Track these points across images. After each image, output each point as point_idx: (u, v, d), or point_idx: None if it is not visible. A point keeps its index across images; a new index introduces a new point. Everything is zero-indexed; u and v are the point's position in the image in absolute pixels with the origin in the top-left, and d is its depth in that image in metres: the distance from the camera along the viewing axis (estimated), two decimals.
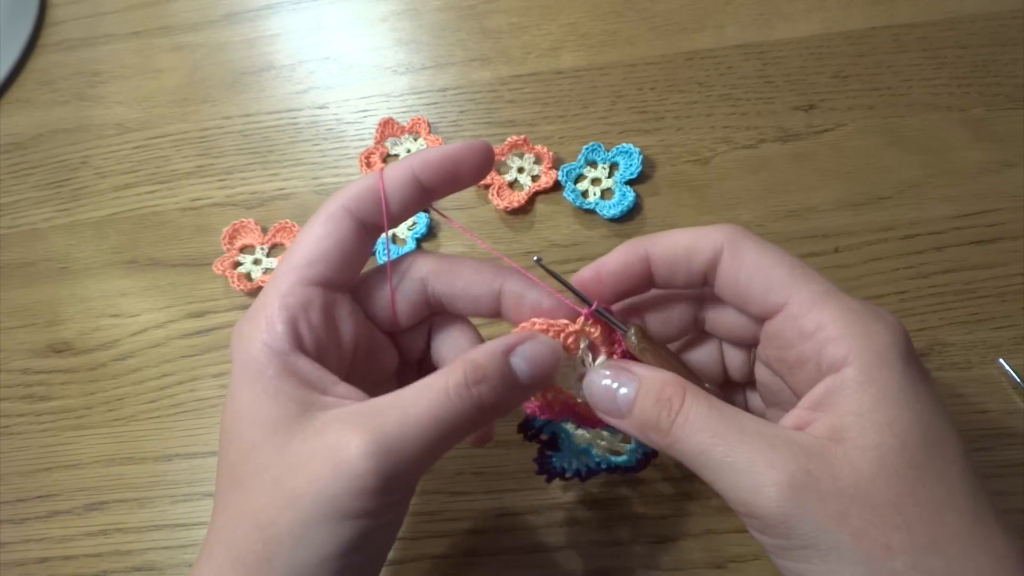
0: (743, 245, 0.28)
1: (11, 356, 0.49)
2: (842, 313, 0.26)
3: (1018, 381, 0.41)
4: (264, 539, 0.25)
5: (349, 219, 0.29)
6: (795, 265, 0.28)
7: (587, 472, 0.36)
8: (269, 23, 0.62)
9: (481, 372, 0.27)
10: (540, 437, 0.34)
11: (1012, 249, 0.45)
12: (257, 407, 0.27)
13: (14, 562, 0.43)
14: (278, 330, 0.27)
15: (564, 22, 0.58)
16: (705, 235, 0.29)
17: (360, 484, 0.24)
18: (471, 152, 0.30)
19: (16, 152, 0.58)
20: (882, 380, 0.25)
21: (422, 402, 0.26)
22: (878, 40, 0.54)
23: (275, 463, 0.26)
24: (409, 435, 0.25)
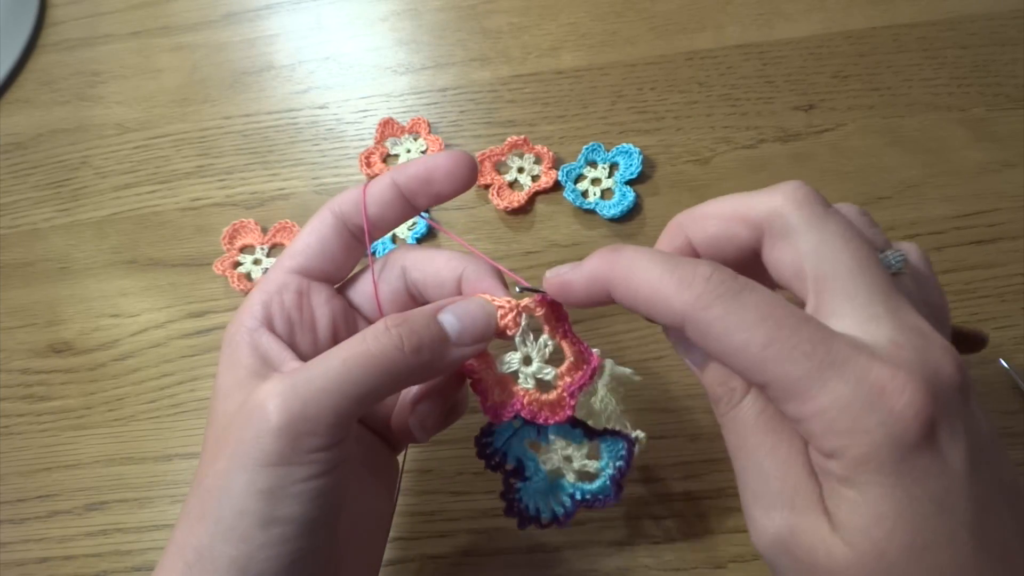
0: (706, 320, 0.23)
1: (11, 356, 0.49)
2: (827, 406, 0.22)
3: (1018, 381, 0.41)
4: (199, 495, 0.26)
5: (332, 219, 0.31)
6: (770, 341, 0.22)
7: (564, 515, 0.32)
8: (269, 23, 0.62)
9: (401, 318, 0.27)
10: (504, 466, 0.31)
11: (1012, 249, 0.45)
12: (221, 378, 0.29)
13: (14, 562, 0.43)
14: (255, 310, 0.30)
15: (564, 22, 0.58)
16: (666, 298, 0.24)
17: (267, 425, 0.25)
18: (446, 161, 0.30)
19: (16, 152, 0.58)
20: (863, 484, 0.21)
21: (339, 348, 0.26)
22: (878, 40, 0.54)
23: (218, 424, 0.27)
24: (318, 376, 0.26)
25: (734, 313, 0.23)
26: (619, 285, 0.25)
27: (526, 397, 0.30)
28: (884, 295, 0.23)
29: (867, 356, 0.22)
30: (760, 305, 0.23)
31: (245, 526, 0.25)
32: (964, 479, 0.21)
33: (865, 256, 0.24)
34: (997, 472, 0.22)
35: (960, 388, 0.22)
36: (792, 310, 0.23)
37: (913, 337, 0.22)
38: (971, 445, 0.21)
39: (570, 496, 0.32)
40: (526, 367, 0.30)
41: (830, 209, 0.25)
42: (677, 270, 0.24)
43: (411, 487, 0.42)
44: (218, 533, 0.25)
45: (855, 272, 0.23)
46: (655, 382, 0.43)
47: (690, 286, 0.23)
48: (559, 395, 0.30)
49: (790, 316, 0.22)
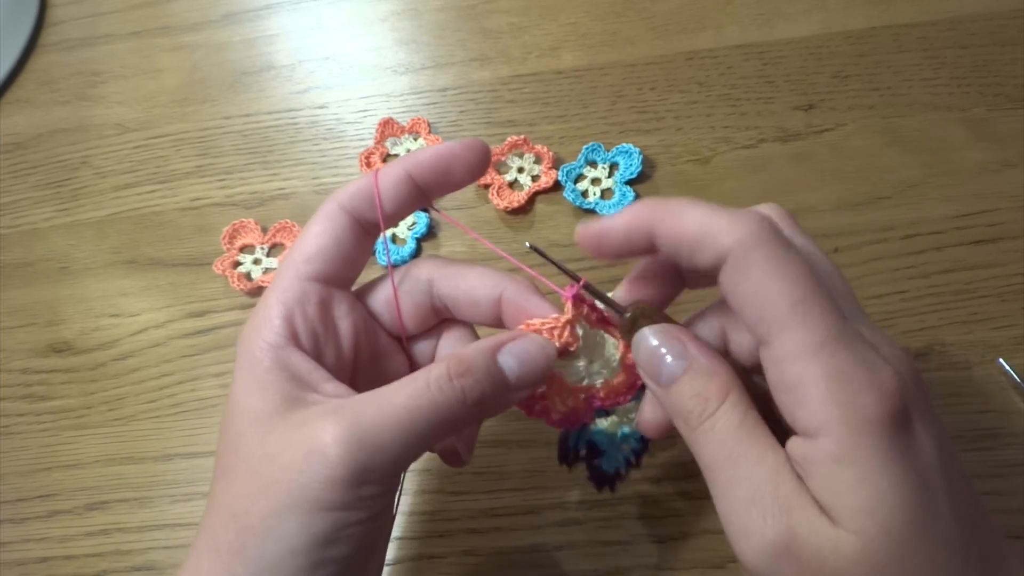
0: (752, 259, 0.24)
1: (11, 356, 0.49)
2: (828, 374, 0.23)
3: (1018, 381, 0.41)
4: (238, 529, 0.25)
5: (345, 216, 0.30)
6: (802, 300, 0.23)
7: (637, 455, 0.34)
8: (269, 23, 0.62)
9: (465, 365, 0.26)
10: (580, 455, 0.33)
11: (1012, 249, 0.45)
12: (246, 399, 0.27)
13: (14, 562, 0.43)
14: (275, 324, 0.28)
15: (564, 22, 0.58)
16: (716, 231, 0.24)
17: (330, 473, 0.24)
18: (463, 150, 0.30)
19: (16, 152, 0.58)
20: (860, 459, 0.22)
21: (401, 394, 0.26)
22: (878, 40, 0.54)
23: (255, 454, 0.26)
24: (384, 425, 0.25)
25: (779, 260, 0.24)
26: (666, 223, 0.26)
27: (601, 391, 0.31)
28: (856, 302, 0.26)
29: (865, 342, 0.23)
30: (801, 264, 0.24)
31: (293, 567, 0.24)
32: (936, 463, 0.23)
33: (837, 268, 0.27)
34: (959, 467, 0.24)
35: (922, 388, 0.24)
36: (822, 281, 0.24)
37: (884, 339, 0.25)
38: (938, 435, 0.23)
39: (638, 439, 0.34)
40: (592, 367, 0.31)
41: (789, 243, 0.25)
42: (728, 211, 0.25)
43: (411, 487, 0.42)
44: (261, 571, 0.24)
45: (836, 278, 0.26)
46: None
47: (743, 223, 0.24)
48: (629, 374, 0.31)
49: (822, 284, 0.24)
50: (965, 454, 0.39)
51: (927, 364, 0.42)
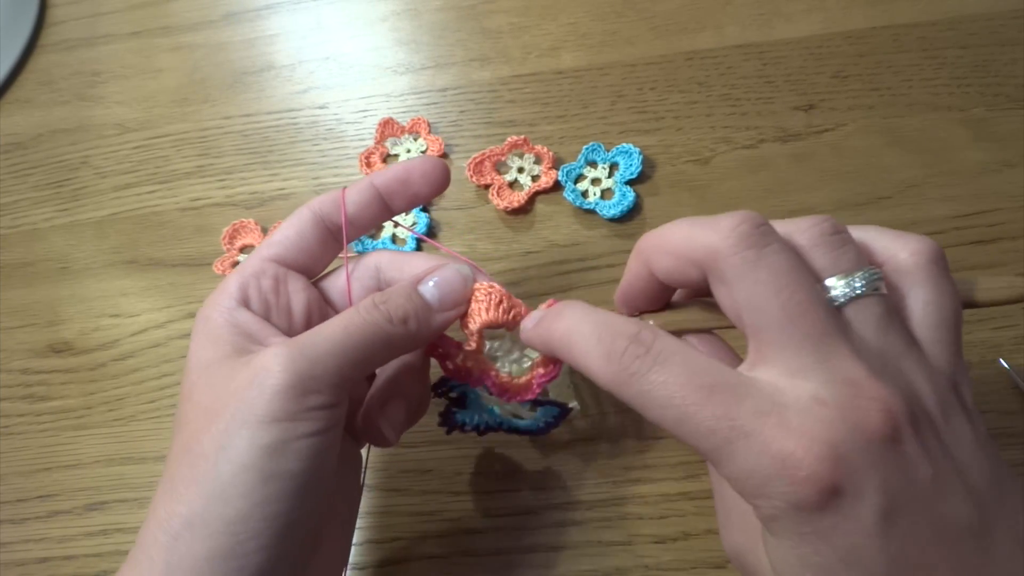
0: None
1: (11, 356, 0.49)
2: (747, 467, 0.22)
3: (1018, 381, 0.41)
4: (190, 461, 0.26)
5: (310, 214, 0.33)
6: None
7: (486, 428, 0.38)
8: (269, 23, 0.62)
9: (385, 295, 0.29)
10: (450, 395, 0.36)
11: (1012, 249, 0.45)
12: (199, 353, 0.29)
13: (14, 562, 0.43)
14: (231, 291, 0.30)
15: (564, 22, 0.58)
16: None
17: (274, 382, 0.26)
18: (421, 165, 0.33)
19: (16, 152, 0.58)
20: (775, 531, 0.23)
21: (335, 319, 0.28)
22: (878, 40, 0.54)
23: (205, 394, 0.27)
24: (320, 342, 0.27)
25: (646, 393, 0.24)
26: (562, 355, 0.28)
27: (498, 377, 0.33)
28: (815, 344, 0.23)
29: (773, 424, 0.22)
30: (667, 383, 0.24)
31: (246, 481, 0.25)
32: (875, 536, 0.21)
33: (798, 302, 0.23)
34: (931, 520, 0.22)
35: (888, 438, 0.22)
36: (700, 383, 0.23)
37: (839, 390, 0.22)
38: (888, 501, 0.21)
39: (496, 422, 0.37)
40: (509, 355, 0.34)
41: (767, 248, 0.24)
42: (604, 341, 0.25)
43: (411, 487, 0.42)
44: (215, 493, 0.25)
45: (783, 323, 0.23)
46: None
47: (609, 361, 0.25)
48: (528, 382, 0.33)
49: (697, 390, 0.23)
50: None
51: None
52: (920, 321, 0.25)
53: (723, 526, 0.28)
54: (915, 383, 0.24)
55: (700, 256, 0.25)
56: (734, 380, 0.23)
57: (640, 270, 0.28)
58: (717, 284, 0.25)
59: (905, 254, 0.26)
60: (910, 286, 0.26)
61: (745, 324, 0.24)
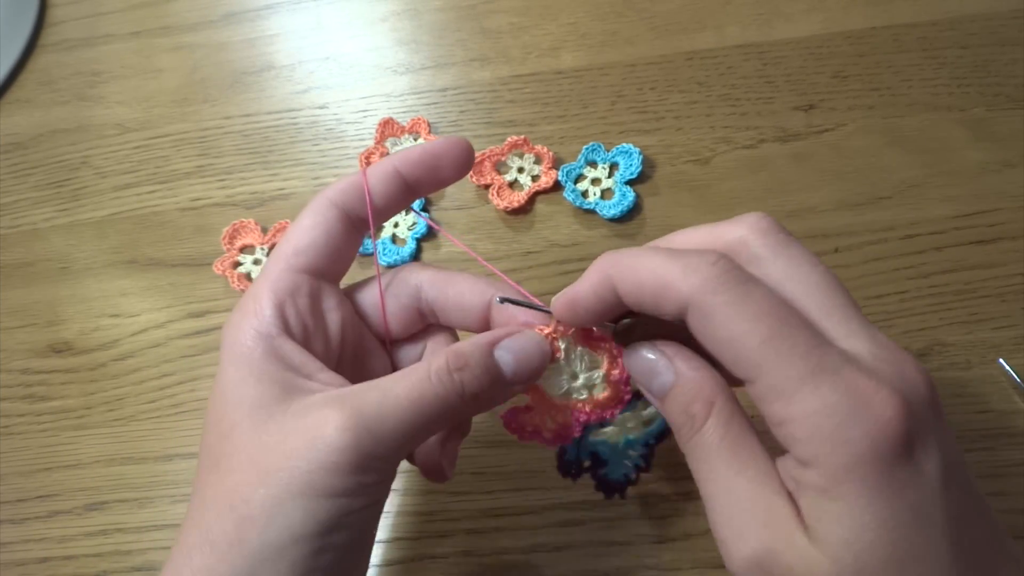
0: (712, 305, 0.23)
1: (11, 356, 0.49)
2: (812, 410, 0.22)
3: (1018, 381, 0.41)
4: (236, 519, 0.25)
5: (335, 210, 0.30)
6: (770, 338, 0.22)
7: (645, 460, 0.35)
8: (269, 23, 0.62)
9: (464, 359, 0.27)
10: (584, 467, 0.33)
11: (1012, 249, 0.45)
12: (241, 389, 0.27)
13: (14, 562, 0.43)
14: (266, 314, 0.28)
15: (564, 22, 0.58)
16: (671, 282, 0.24)
17: (335, 459, 0.24)
18: (450, 147, 0.31)
19: (16, 152, 0.58)
20: (846, 495, 0.22)
21: (402, 383, 0.26)
22: (878, 40, 0.54)
23: (253, 443, 0.26)
24: (388, 414, 0.25)
25: (739, 302, 0.23)
26: (625, 278, 0.25)
27: (587, 406, 0.31)
28: (855, 312, 0.24)
29: (856, 367, 0.22)
30: (764, 299, 0.23)
31: (297, 554, 0.24)
32: (940, 491, 0.22)
33: (831, 276, 0.24)
34: (967, 487, 0.23)
35: (931, 404, 0.22)
36: (792, 311, 0.23)
37: (889, 353, 0.23)
38: (944, 460, 0.22)
39: (643, 444, 0.34)
40: (575, 382, 0.31)
41: (790, 236, 0.26)
42: (682, 258, 0.24)
43: (411, 487, 0.42)
44: (264, 560, 0.24)
45: (827, 292, 0.24)
46: None
47: (696, 271, 0.23)
48: (615, 390, 0.31)
49: (791, 316, 0.23)
50: (965, 454, 0.39)
51: (927, 364, 0.42)
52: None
53: (736, 535, 0.24)
54: None
55: (726, 244, 0.25)
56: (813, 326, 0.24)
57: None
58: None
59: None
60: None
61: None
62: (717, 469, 0.25)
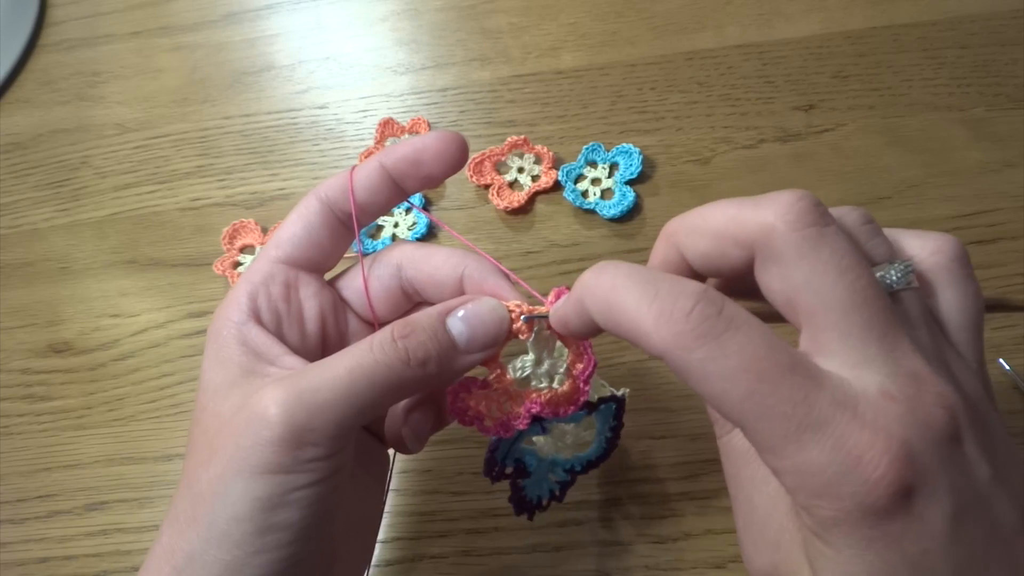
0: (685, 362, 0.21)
1: (11, 356, 0.49)
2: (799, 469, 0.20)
3: (1018, 381, 0.41)
4: (191, 497, 0.25)
5: (318, 205, 0.30)
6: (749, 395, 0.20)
7: (561, 489, 0.35)
8: (269, 23, 0.62)
9: (410, 327, 0.26)
10: (505, 472, 0.32)
11: (1012, 249, 0.45)
12: (209, 374, 0.28)
13: (14, 562, 0.43)
14: (241, 302, 0.29)
15: (564, 22, 0.58)
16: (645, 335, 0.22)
17: (269, 434, 0.24)
18: (438, 143, 0.29)
19: (16, 152, 0.58)
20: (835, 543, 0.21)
21: (344, 357, 0.26)
22: (878, 40, 0.54)
23: (210, 424, 0.26)
24: (324, 386, 0.25)
25: (714, 359, 0.21)
26: (599, 314, 0.24)
27: (543, 396, 0.29)
28: (881, 334, 0.21)
29: (848, 417, 0.20)
30: (743, 351, 0.21)
31: (240, 532, 0.24)
32: (944, 540, 0.20)
33: (863, 287, 0.22)
34: (990, 522, 0.21)
35: (952, 437, 0.21)
36: (777, 359, 0.21)
37: (906, 385, 0.21)
38: (956, 503, 0.20)
39: (567, 470, 0.33)
40: (538, 368, 0.30)
41: (827, 228, 0.22)
42: (657, 300, 0.22)
43: (411, 487, 0.42)
44: (211, 538, 0.25)
45: (849, 308, 0.21)
46: (655, 382, 0.43)
47: (669, 321, 0.21)
48: (573, 385, 0.30)
49: (774, 367, 0.21)
50: None
51: None
52: (946, 322, 0.24)
53: (752, 544, 0.24)
54: (962, 380, 0.22)
55: (750, 234, 0.23)
56: (809, 363, 0.21)
57: (668, 255, 0.26)
58: (768, 265, 0.23)
59: (926, 253, 0.25)
60: (934, 285, 0.24)
61: (800, 309, 0.22)
62: (741, 476, 0.25)
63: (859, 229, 0.24)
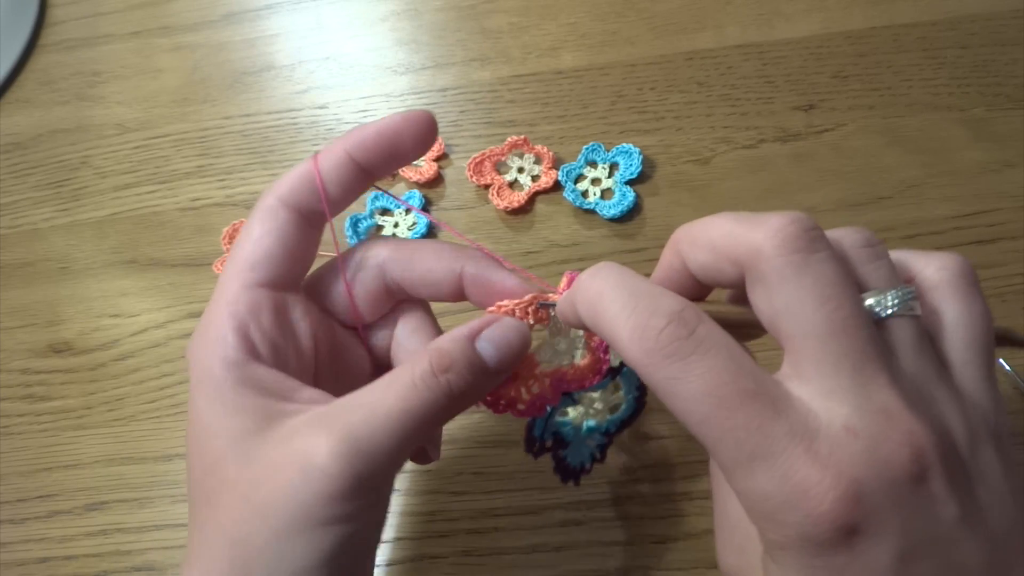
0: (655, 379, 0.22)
1: (11, 356, 0.49)
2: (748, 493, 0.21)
3: (1018, 381, 0.41)
4: (240, 556, 0.24)
5: (286, 212, 0.28)
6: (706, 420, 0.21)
7: (601, 451, 0.35)
8: (269, 23, 0.62)
9: (448, 360, 0.26)
10: (546, 447, 0.33)
11: (1012, 249, 0.45)
12: (218, 421, 0.26)
13: (14, 562, 0.43)
14: (229, 341, 0.26)
15: (564, 22, 0.58)
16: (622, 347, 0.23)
17: (331, 488, 0.24)
18: (407, 124, 0.28)
19: (16, 152, 0.58)
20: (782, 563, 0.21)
21: (389, 396, 0.25)
22: (878, 40, 0.54)
23: (242, 477, 0.25)
24: (379, 431, 0.24)
25: (679, 380, 0.21)
26: (586, 317, 0.25)
27: (568, 373, 0.30)
28: (855, 365, 0.21)
29: (802, 450, 0.20)
30: (706, 375, 0.21)
31: None
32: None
33: (843, 317, 0.21)
34: (947, 563, 0.21)
35: (914, 477, 0.20)
36: (741, 385, 0.21)
37: (872, 421, 0.21)
38: (906, 544, 0.20)
39: (603, 433, 0.34)
40: (559, 347, 0.30)
41: (815, 255, 0.22)
42: (634, 315, 0.22)
43: (411, 487, 0.42)
44: None
45: (826, 337, 0.21)
46: None
47: (642, 338, 0.22)
48: (594, 357, 0.30)
49: (735, 393, 0.21)
50: None
51: None
52: (950, 340, 0.24)
53: (722, 544, 0.26)
54: (946, 414, 0.22)
55: (740, 254, 0.23)
56: (775, 391, 0.21)
57: (674, 262, 0.26)
58: (755, 285, 0.23)
59: (931, 270, 0.25)
60: (938, 302, 0.24)
61: (782, 333, 0.23)
62: (719, 480, 0.25)
63: (857, 252, 0.24)
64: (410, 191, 0.51)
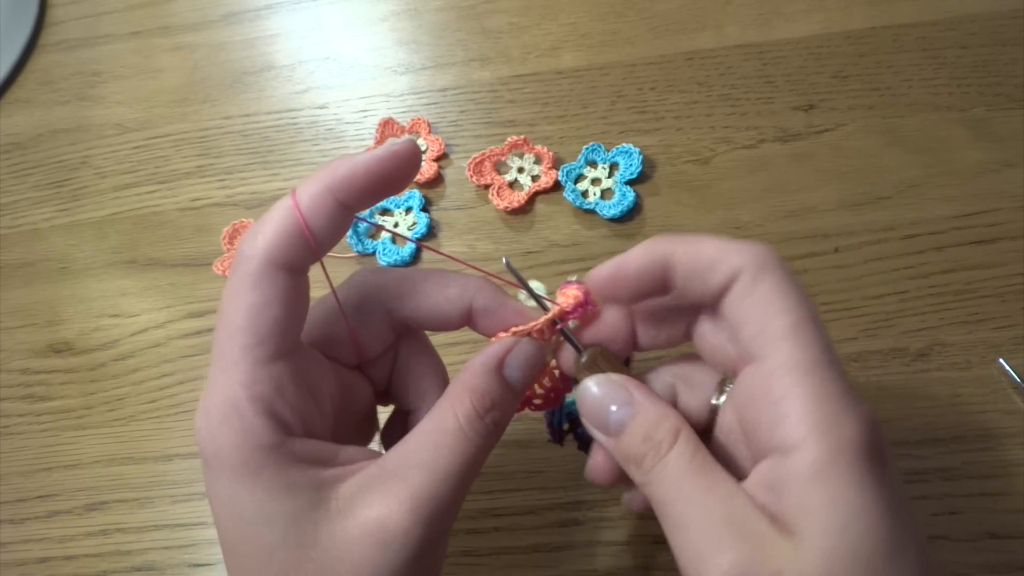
0: (763, 276, 0.25)
1: (11, 356, 0.49)
2: (815, 393, 0.23)
3: (1018, 381, 0.41)
4: None
5: (283, 275, 0.25)
6: (802, 321, 0.25)
7: None
8: (269, 23, 0.62)
9: (488, 400, 0.27)
10: (565, 429, 0.34)
11: (1012, 249, 0.45)
12: (264, 508, 0.24)
13: (14, 562, 0.43)
14: (260, 426, 0.25)
15: (564, 22, 0.58)
16: (731, 252, 0.26)
17: (410, 554, 0.24)
18: (395, 161, 0.26)
19: (16, 152, 0.58)
20: (838, 478, 0.22)
21: (444, 451, 0.26)
22: (878, 40, 0.54)
23: (307, 559, 0.24)
24: (444, 491, 0.25)
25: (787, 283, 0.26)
26: (685, 250, 0.27)
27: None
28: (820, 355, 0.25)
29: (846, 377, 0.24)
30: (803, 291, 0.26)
31: None
32: (903, 497, 0.23)
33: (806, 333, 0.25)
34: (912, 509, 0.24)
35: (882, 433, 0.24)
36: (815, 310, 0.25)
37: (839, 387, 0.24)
38: (899, 478, 0.24)
39: None
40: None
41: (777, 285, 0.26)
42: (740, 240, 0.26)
43: None
44: None
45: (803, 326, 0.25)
46: None
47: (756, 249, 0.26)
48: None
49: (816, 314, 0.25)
50: (965, 454, 0.39)
51: (927, 364, 0.42)
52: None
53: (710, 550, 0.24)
54: None
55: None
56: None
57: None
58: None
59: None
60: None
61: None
62: (686, 489, 0.25)
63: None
64: (410, 191, 0.51)
